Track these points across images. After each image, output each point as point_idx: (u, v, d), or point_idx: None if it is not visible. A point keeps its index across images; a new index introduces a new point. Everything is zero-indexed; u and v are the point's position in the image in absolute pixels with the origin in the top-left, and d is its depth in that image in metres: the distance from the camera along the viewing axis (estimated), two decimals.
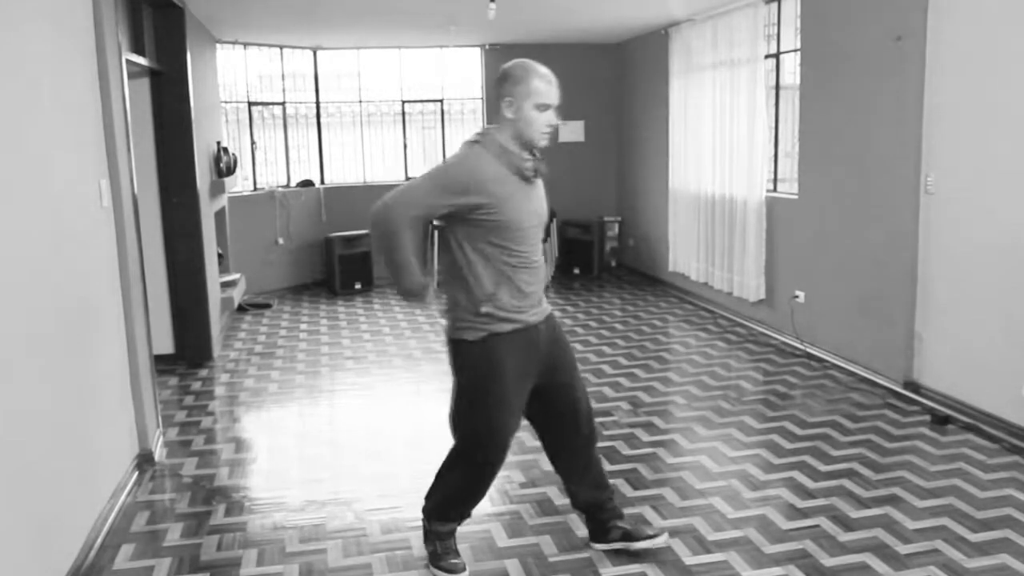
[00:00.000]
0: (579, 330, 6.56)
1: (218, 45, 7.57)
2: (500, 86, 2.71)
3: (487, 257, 2.70)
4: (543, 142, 2.74)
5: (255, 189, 8.22)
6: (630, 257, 9.06)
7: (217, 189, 6.76)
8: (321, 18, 6.68)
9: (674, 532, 3.24)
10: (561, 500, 3.55)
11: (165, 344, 5.71)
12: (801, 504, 3.46)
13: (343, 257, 8.24)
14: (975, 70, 4.20)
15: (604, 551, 3.10)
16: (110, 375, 3.71)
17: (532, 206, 2.75)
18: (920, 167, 4.59)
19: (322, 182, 8.72)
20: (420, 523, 3.12)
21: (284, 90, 8.44)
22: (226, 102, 7.85)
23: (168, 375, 5.55)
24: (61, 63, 3.29)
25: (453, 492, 2.94)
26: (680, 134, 7.49)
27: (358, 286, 8.34)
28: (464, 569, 2.97)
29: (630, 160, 8.97)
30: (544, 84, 2.67)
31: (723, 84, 6.63)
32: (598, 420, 4.52)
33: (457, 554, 3.00)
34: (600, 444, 4.16)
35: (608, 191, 9.34)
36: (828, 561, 3.00)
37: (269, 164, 8.39)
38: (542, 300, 2.86)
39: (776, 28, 6.14)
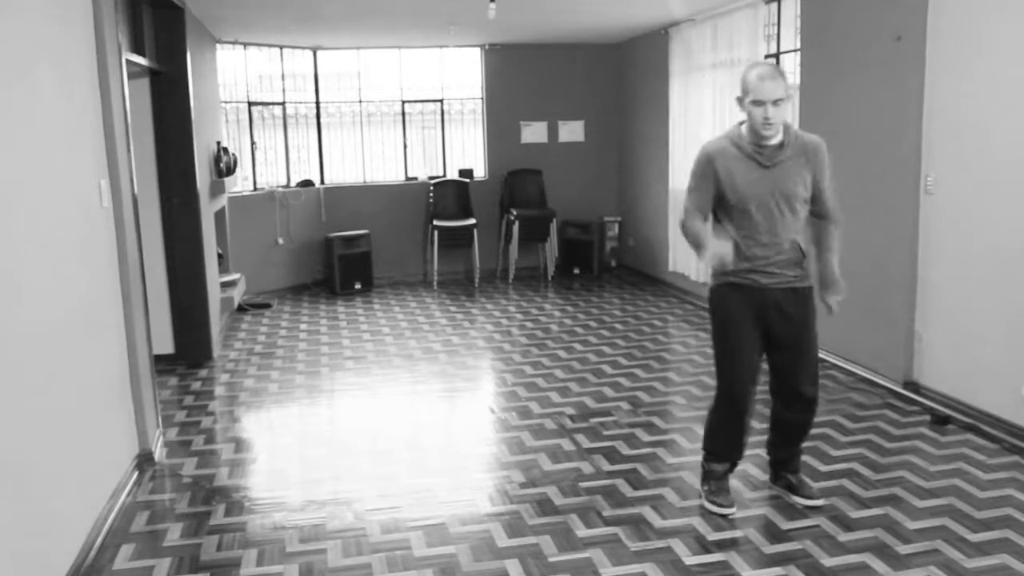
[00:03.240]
0: (579, 330, 6.56)
1: (218, 45, 7.56)
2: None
3: (722, 227, 3.20)
4: (766, 132, 3.00)
5: (255, 189, 8.22)
6: (630, 257, 9.05)
7: (217, 189, 6.76)
8: (321, 18, 6.68)
9: (674, 532, 3.24)
10: (561, 500, 3.56)
11: (165, 344, 5.71)
12: (801, 504, 3.46)
13: (343, 257, 8.24)
14: (975, 70, 4.20)
15: (771, 492, 3.56)
16: (110, 375, 3.71)
17: (762, 188, 3.08)
18: (920, 167, 4.59)
19: (322, 182, 8.72)
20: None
21: (284, 90, 8.43)
22: (226, 102, 7.84)
23: (168, 375, 5.55)
24: (61, 63, 3.28)
25: (709, 427, 3.44)
26: (680, 134, 7.48)
27: (358, 286, 8.34)
28: (732, 505, 3.36)
29: (630, 160, 8.96)
30: (756, 80, 2.94)
31: (723, 84, 6.63)
32: (597, 420, 4.53)
33: (727, 493, 3.40)
34: (600, 444, 4.19)
35: (608, 191, 9.33)
36: (828, 561, 3.00)
37: (269, 164, 8.39)
38: (785, 273, 3.19)
39: (776, 28, 6.14)
